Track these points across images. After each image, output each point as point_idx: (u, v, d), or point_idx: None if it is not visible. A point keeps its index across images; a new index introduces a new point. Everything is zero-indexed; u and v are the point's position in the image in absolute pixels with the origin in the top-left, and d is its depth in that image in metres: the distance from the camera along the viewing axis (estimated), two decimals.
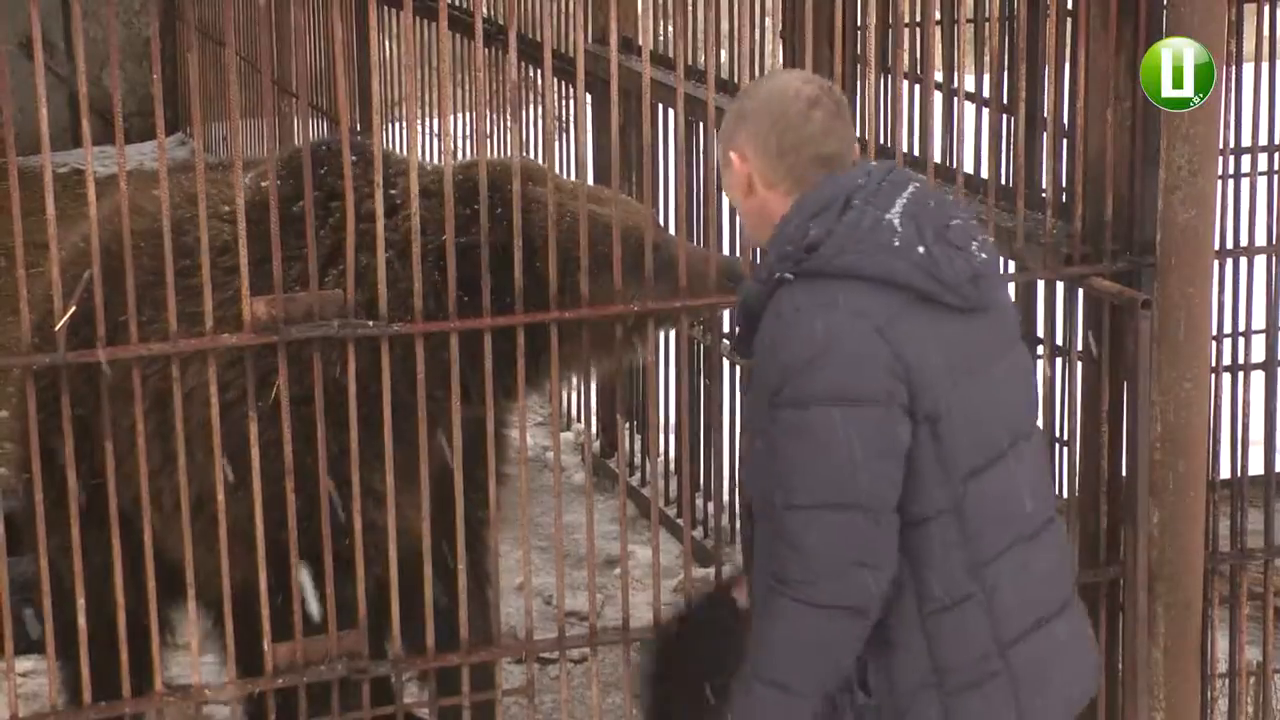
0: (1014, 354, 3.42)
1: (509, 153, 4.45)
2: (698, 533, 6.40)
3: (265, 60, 8.09)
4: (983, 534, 3.28)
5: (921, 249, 3.26)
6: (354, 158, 4.35)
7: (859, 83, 5.36)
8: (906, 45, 5.06)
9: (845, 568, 3.23)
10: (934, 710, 3.30)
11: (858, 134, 5.42)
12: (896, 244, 3.25)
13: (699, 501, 6.32)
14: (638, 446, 6.97)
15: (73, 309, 3.84)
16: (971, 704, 3.30)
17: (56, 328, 3.83)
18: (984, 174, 4.70)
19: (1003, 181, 4.68)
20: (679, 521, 6.22)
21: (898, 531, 3.25)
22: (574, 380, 5.99)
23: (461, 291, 4.15)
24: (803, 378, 3.23)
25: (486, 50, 7.25)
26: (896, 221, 3.27)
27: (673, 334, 4.83)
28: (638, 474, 6.86)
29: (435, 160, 7.49)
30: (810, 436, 3.23)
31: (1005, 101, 4.75)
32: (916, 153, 5.05)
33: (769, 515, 3.33)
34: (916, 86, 4.97)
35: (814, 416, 3.23)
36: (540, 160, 4.71)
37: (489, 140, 7.29)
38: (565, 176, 5.02)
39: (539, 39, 7.06)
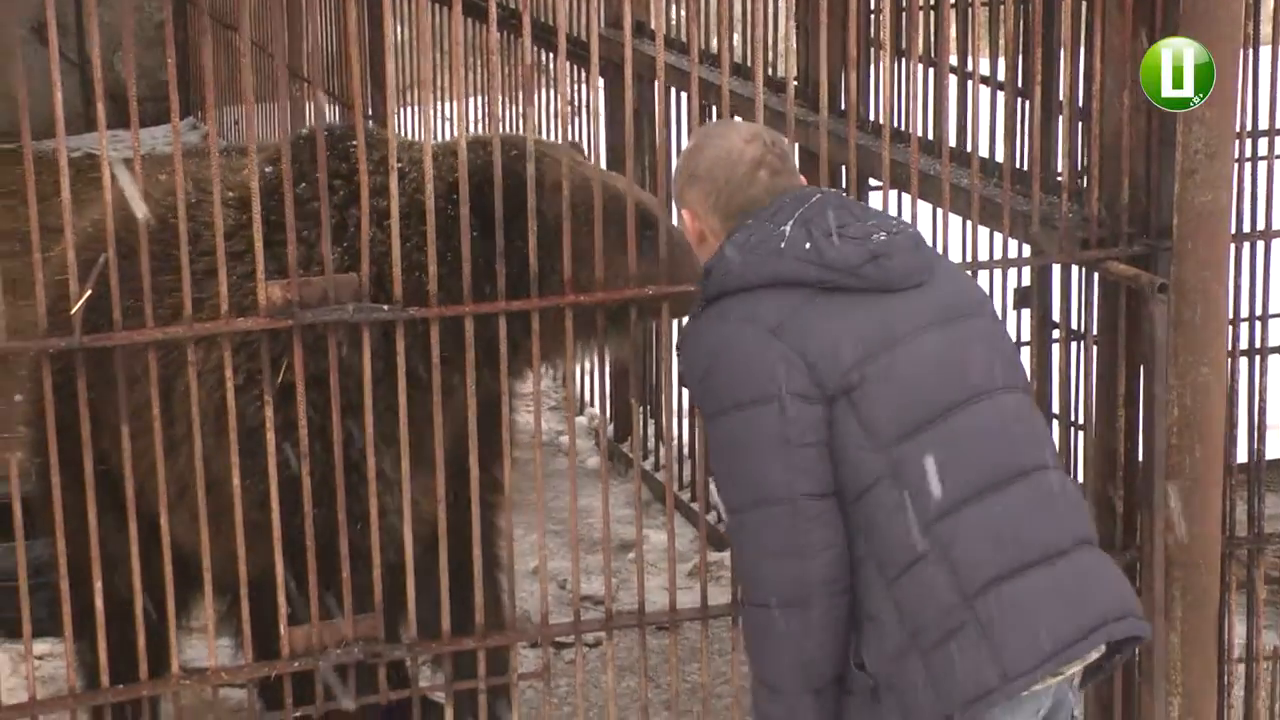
0: (965, 322, 3.54)
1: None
2: (711, 517, 6.40)
3: (278, 45, 8.08)
4: (925, 492, 3.38)
5: (807, 245, 3.44)
6: (354, 143, 4.35)
7: (873, 66, 5.34)
8: (921, 28, 5.04)
9: (772, 562, 3.40)
10: (918, 671, 3.37)
11: (874, 119, 5.43)
12: (782, 247, 3.45)
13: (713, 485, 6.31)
14: (651, 431, 6.96)
15: (88, 293, 3.83)
16: (945, 657, 3.36)
17: (72, 311, 3.83)
18: (999, 158, 4.68)
19: (1018, 165, 4.65)
20: (693, 506, 6.23)
21: (830, 515, 3.39)
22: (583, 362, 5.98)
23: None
24: (706, 392, 3.47)
25: (500, 34, 7.25)
26: (786, 229, 3.47)
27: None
28: (650, 458, 6.86)
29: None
30: (725, 445, 3.45)
31: (1021, 85, 4.73)
32: (931, 136, 5.04)
33: None
34: (931, 70, 4.95)
35: (721, 427, 3.45)
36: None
37: (502, 124, 7.27)
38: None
39: (553, 23, 7.06)
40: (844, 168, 5.15)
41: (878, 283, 3.46)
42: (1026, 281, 4.64)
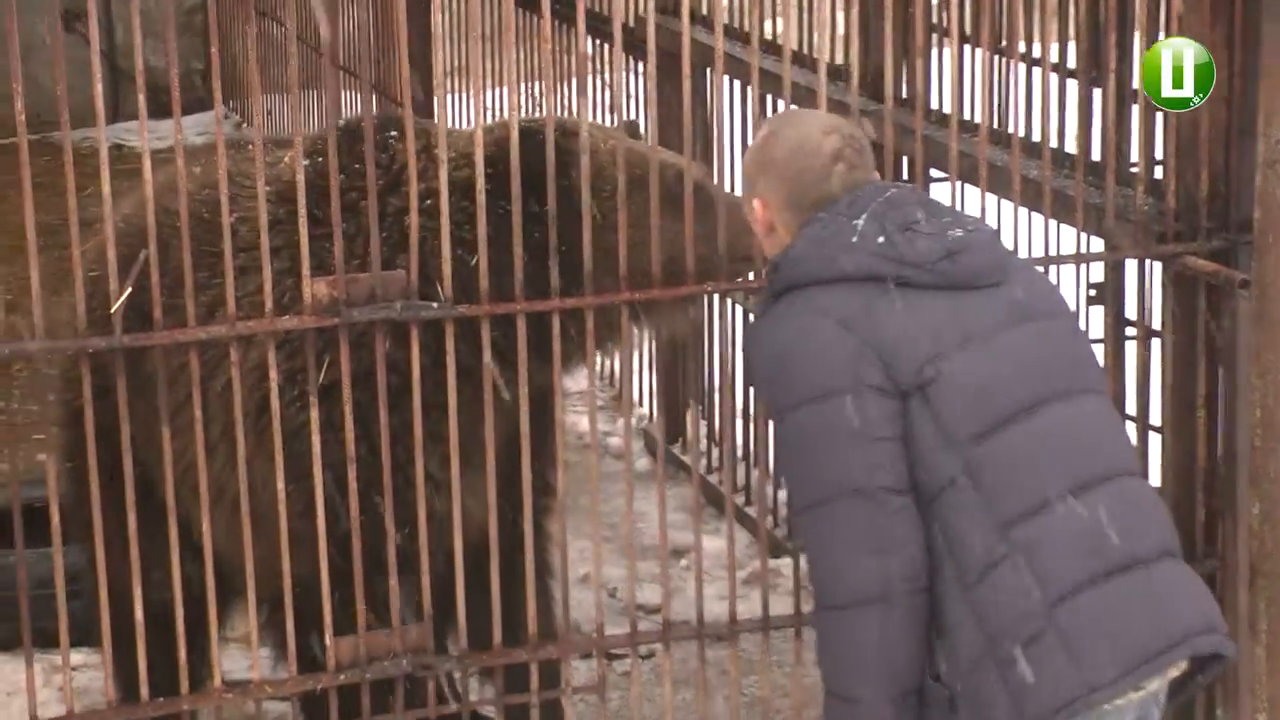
0: (1042, 322, 3.44)
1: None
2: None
3: (331, 38, 7.96)
4: (1003, 494, 3.27)
5: (881, 239, 3.35)
6: (395, 134, 4.22)
7: (937, 53, 5.19)
8: (989, 13, 4.88)
9: (852, 559, 3.28)
10: (996, 681, 3.26)
11: (937, 107, 5.28)
12: (855, 241, 3.36)
13: (769, 490, 6.15)
14: (703, 433, 6.81)
15: (129, 290, 3.71)
16: (1025, 667, 3.24)
17: (112, 310, 3.70)
18: (1071, 148, 4.53)
19: (1091, 156, 4.50)
20: (747, 511, 6.08)
21: (909, 511, 3.28)
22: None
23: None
24: (776, 387, 3.36)
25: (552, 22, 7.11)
26: (860, 223, 3.38)
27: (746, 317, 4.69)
28: (703, 461, 6.70)
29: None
30: (796, 441, 3.34)
31: (1094, 72, 4.58)
32: (997, 126, 4.89)
33: None
34: (999, 57, 4.80)
35: (793, 421, 3.33)
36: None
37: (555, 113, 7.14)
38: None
39: (604, 12, 6.91)
40: (906, 159, 5.00)
41: (953, 279, 3.37)
42: (1100, 277, 4.49)
